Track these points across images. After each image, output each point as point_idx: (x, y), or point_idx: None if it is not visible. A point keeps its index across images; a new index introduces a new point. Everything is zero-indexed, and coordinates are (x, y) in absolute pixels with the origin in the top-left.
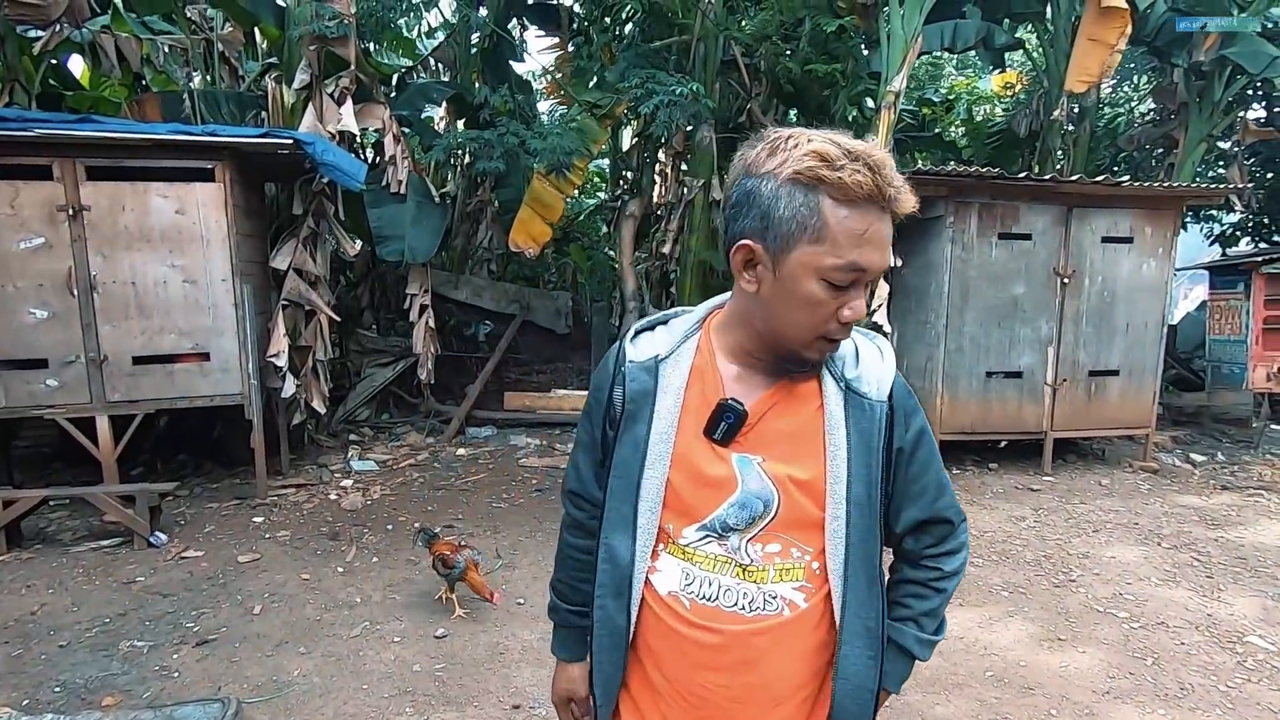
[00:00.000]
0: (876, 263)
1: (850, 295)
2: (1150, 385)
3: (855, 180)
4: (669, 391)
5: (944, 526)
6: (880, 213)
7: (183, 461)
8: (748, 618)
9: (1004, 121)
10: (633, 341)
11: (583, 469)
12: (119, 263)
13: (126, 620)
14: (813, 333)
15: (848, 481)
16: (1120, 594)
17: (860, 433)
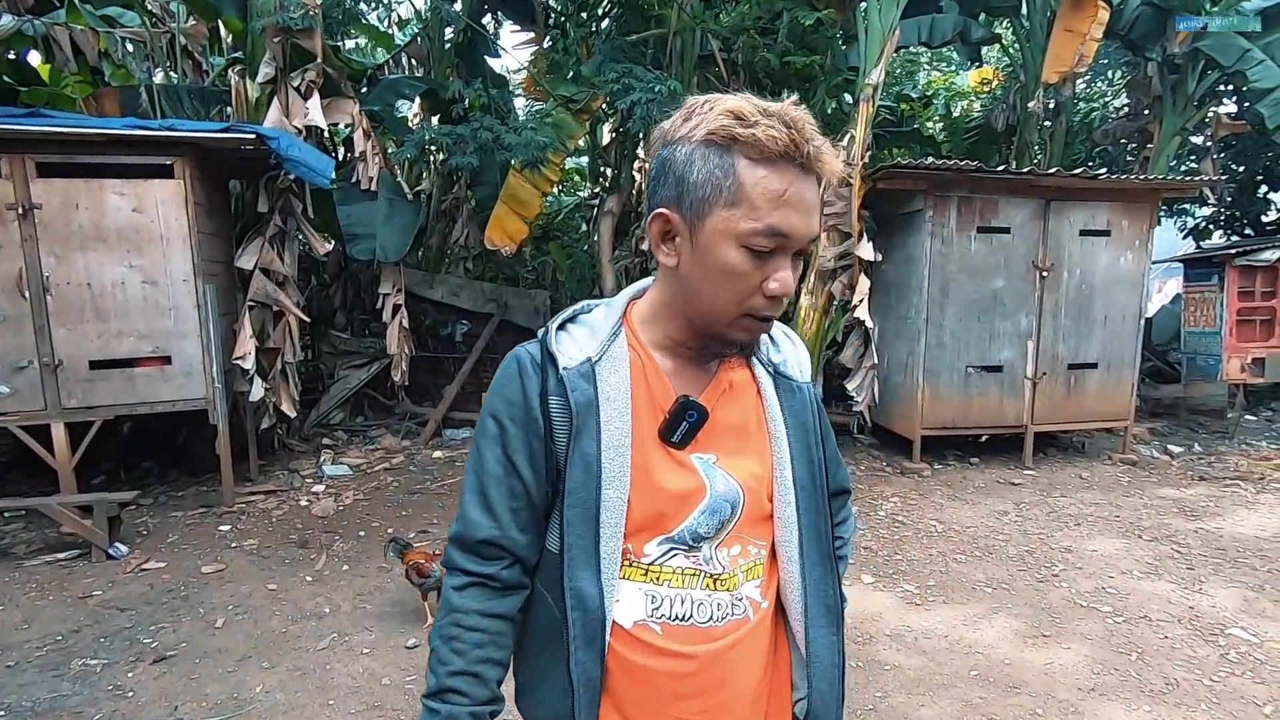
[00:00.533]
0: (799, 227)
1: (774, 265)
2: (1129, 378)
3: (769, 136)
4: (613, 398)
5: (844, 496)
6: (801, 173)
7: (147, 469)
8: (721, 629)
9: (981, 116)
10: (559, 345)
11: (497, 509)
12: (73, 263)
13: (80, 637)
14: (737, 309)
15: (792, 466)
16: (1103, 588)
17: (794, 415)
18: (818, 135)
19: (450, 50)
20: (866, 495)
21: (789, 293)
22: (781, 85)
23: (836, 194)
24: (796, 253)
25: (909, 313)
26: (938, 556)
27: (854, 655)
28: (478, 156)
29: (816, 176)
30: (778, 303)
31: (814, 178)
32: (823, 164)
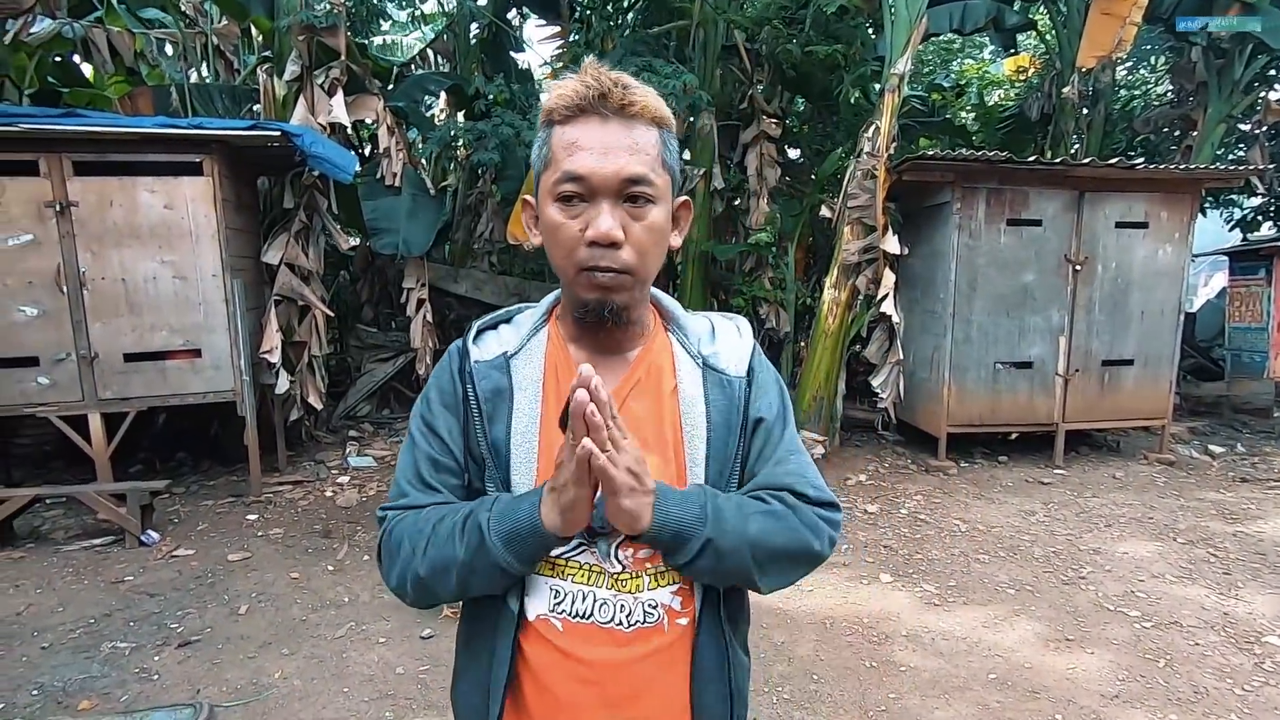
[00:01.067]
0: (595, 167)
1: (585, 212)
2: (1166, 375)
3: (562, 95)
4: (525, 387)
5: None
6: (601, 120)
7: (181, 459)
8: (626, 634)
9: (1016, 106)
10: (475, 341)
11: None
12: (108, 259)
13: (111, 621)
14: (572, 265)
15: (706, 463)
16: (1132, 592)
17: (719, 409)
18: (621, 84)
19: (476, 46)
20: (889, 493)
21: (606, 237)
22: (807, 77)
23: (862, 186)
24: (631, 196)
25: (935, 307)
26: (960, 556)
27: (869, 655)
28: (499, 152)
29: (629, 120)
30: (605, 252)
31: (621, 121)
32: (627, 105)
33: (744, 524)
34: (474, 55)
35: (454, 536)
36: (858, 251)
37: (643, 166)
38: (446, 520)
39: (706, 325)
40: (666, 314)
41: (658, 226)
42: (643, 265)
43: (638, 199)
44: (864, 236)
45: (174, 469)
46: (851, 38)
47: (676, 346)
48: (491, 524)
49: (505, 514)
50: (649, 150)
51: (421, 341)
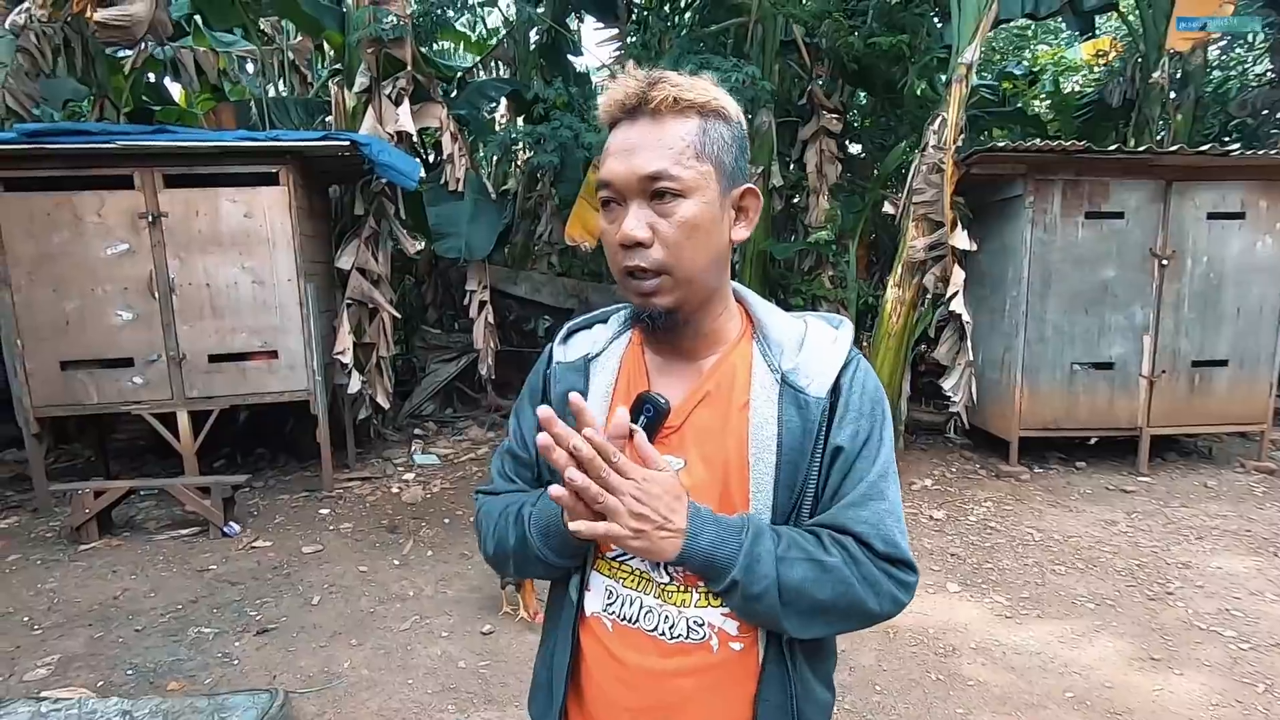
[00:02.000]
0: (618, 171)
1: (619, 219)
2: (1266, 376)
3: (606, 102)
4: (596, 392)
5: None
6: (631, 120)
7: (260, 455)
8: (670, 645)
9: (1095, 93)
10: (564, 342)
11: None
12: (194, 266)
13: (197, 607)
14: (616, 269)
15: (774, 489)
16: (1227, 610)
17: (792, 432)
18: (651, 80)
19: (535, 52)
20: (956, 499)
21: (626, 238)
22: (869, 70)
23: (927, 181)
24: (656, 193)
25: (1005, 305)
26: (1033, 567)
27: (935, 668)
28: (558, 155)
29: (661, 117)
30: (633, 253)
31: (651, 120)
32: (647, 101)
33: (785, 570)
34: (533, 60)
35: (509, 524)
36: (924, 248)
37: (663, 161)
38: (510, 508)
39: (797, 332)
40: (754, 318)
41: (690, 221)
42: (679, 263)
43: (663, 195)
44: (930, 233)
45: (253, 464)
46: (916, 27)
47: (757, 357)
48: (532, 516)
49: (543, 507)
50: (676, 144)
51: (484, 342)
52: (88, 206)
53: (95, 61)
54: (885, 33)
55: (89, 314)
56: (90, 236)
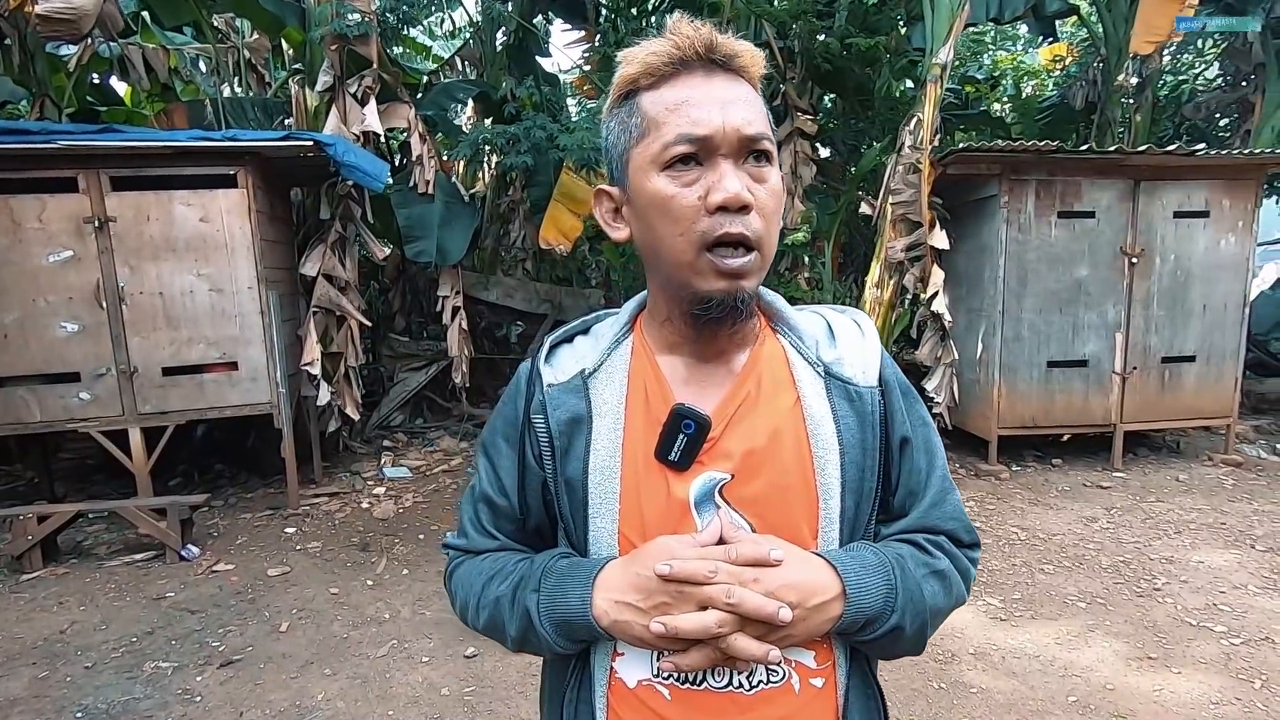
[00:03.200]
0: (715, 120)
1: (704, 174)
2: (1231, 371)
3: (653, 54)
4: (605, 413)
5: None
6: (704, 73)
7: (219, 471)
8: (749, 697)
9: (1056, 95)
10: (548, 360)
11: (487, 527)
12: (146, 273)
13: (154, 639)
14: (690, 244)
15: (841, 494)
16: (1214, 604)
17: (850, 429)
18: (719, 34)
19: (502, 52)
20: None
21: (738, 199)
22: (841, 71)
23: (905, 181)
24: (754, 154)
25: (982, 305)
26: (1022, 567)
27: (936, 676)
28: (531, 156)
29: (733, 74)
30: (735, 218)
31: (726, 75)
32: (733, 50)
33: (923, 593)
34: (500, 61)
35: (503, 608)
36: (902, 249)
37: (761, 123)
38: (496, 584)
39: (821, 323)
40: (772, 311)
41: (778, 191)
42: (769, 237)
43: (761, 157)
44: (908, 233)
45: (212, 481)
46: (890, 29)
47: (790, 351)
48: (541, 608)
49: (555, 599)
50: (759, 106)
51: (458, 349)
52: (28, 211)
53: (34, 59)
54: (861, 35)
55: (30, 326)
56: (31, 243)
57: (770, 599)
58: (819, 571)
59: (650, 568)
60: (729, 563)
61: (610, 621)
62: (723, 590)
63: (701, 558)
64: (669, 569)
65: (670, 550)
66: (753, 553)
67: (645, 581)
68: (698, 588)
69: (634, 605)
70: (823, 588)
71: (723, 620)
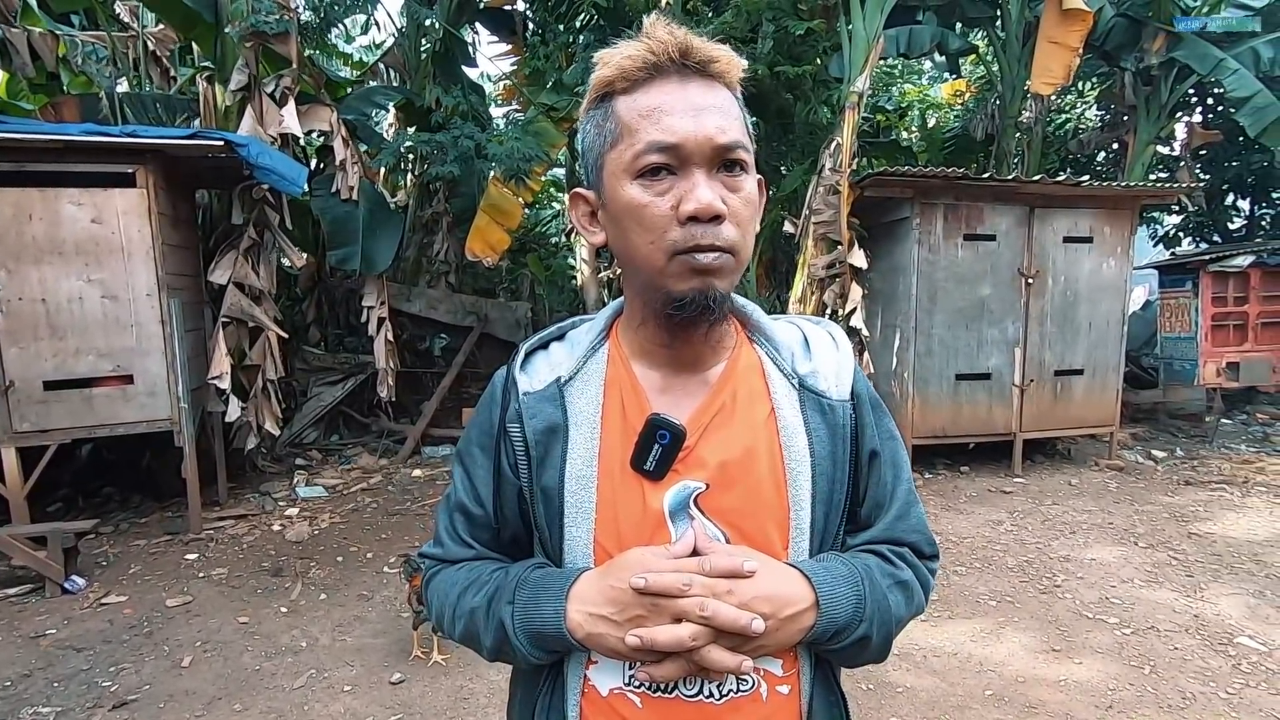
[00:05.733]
0: (689, 129)
1: (676, 184)
2: (1113, 383)
3: (628, 58)
4: (582, 421)
5: (911, 555)
6: (679, 79)
7: (107, 495)
8: (718, 706)
9: (959, 127)
10: (524, 367)
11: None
12: (26, 278)
13: (32, 682)
14: (661, 250)
15: (811, 505)
16: (1107, 598)
17: (821, 441)
18: (696, 39)
19: (427, 59)
20: None
21: (709, 209)
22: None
23: (825, 202)
24: (726, 164)
25: (897, 321)
26: (938, 569)
27: (863, 678)
28: (459, 165)
29: (709, 79)
30: (707, 229)
31: (702, 80)
32: (709, 56)
33: (889, 603)
34: (426, 69)
35: (478, 619)
36: (823, 266)
37: (737, 130)
38: (471, 595)
39: (797, 334)
40: (749, 321)
41: (753, 200)
42: (744, 244)
43: (734, 166)
44: (829, 252)
45: (100, 506)
46: (814, 58)
47: (766, 362)
48: (516, 621)
49: (529, 611)
50: (736, 112)
51: (385, 362)
52: None
53: None
54: (787, 62)
55: None
56: None
57: (744, 611)
58: (792, 582)
59: (625, 580)
60: (703, 575)
61: (585, 634)
62: (697, 603)
63: (676, 570)
64: (644, 582)
65: (645, 563)
66: (727, 564)
67: (620, 594)
68: (672, 600)
69: (609, 618)
70: (796, 599)
71: (697, 633)
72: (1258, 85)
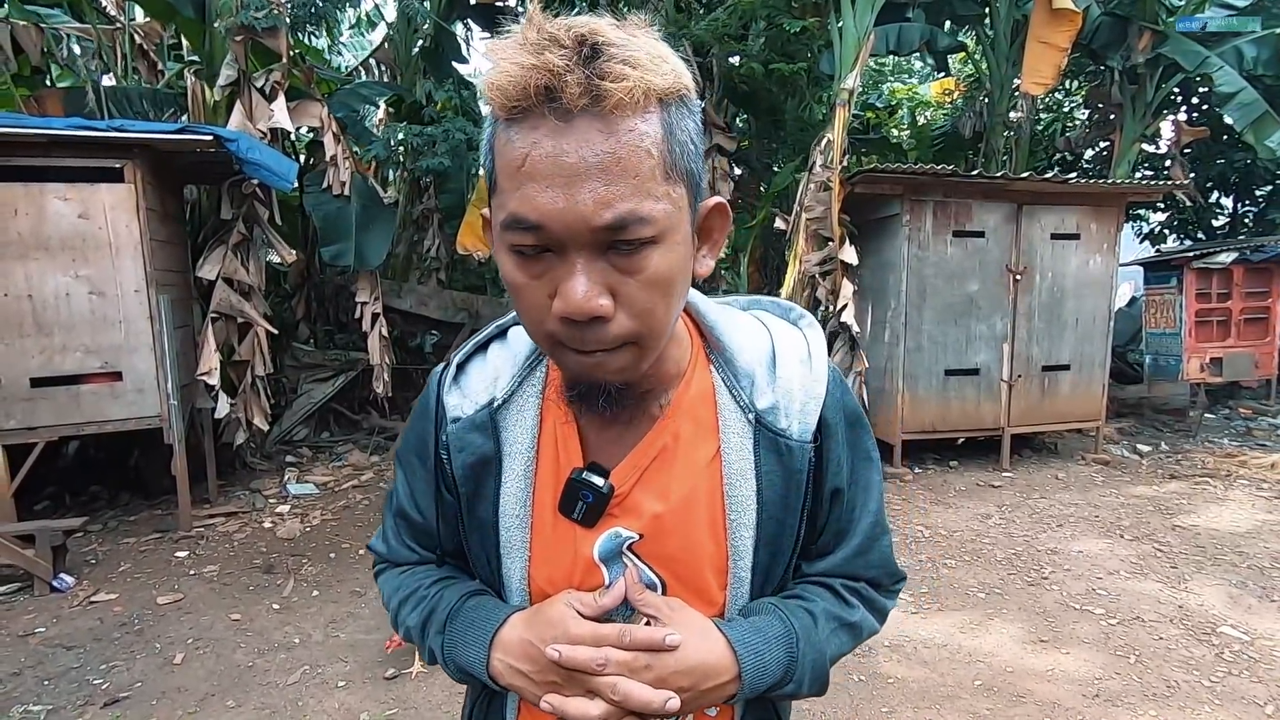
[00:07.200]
0: (548, 209)
1: (552, 268)
2: (1099, 378)
3: (504, 74)
4: (515, 454)
5: (870, 589)
6: (558, 122)
7: (95, 493)
8: None
9: (947, 124)
10: (456, 381)
11: (407, 541)
12: (11, 274)
13: (21, 680)
14: (542, 337)
15: (755, 550)
16: (1093, 589)
17: (773, 485)
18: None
19: (418, 55)
20: None
21: (581, 311)
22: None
23: (816, 198)
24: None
25: (886, 317)
26: (927, 562)
27: (855, 669)
28: (450, 158)
29: (607, 118)
30: (585, 331)
31: (594, 120)
32: (600, 97)
33: (826, 653)
34: (416, 64)
35: (414, 637)
36: (816, 263)
37: (629, 198)
38: (409, 610)
39: (765, 347)
40: (709, 335)
41: (663, 274)
42: (649, 328)
43: (629, 245)
44: (821, 248)
45: (87, 504)
46: (807, 56)
47: (721, 390)
48: (445, 653)
49: (456, 648)
50: (640, 162)
51: (378, 358)
52: None
53: None
54: (779, 60)
55: None
56: None
57: (660, 688)
58: (715, 653)
59: (545, 640)
60: (621, 648)
61: (506, 683)
62: (609, 684)
63: (596, 637)
64: (558, 655)
65: (565, 624)
66: (647, 638)
67: (537, 654)
68: (586, 676)
69: (526, 674)
70: (717, 671)
71: (607, 713)
72: (1242, 82)
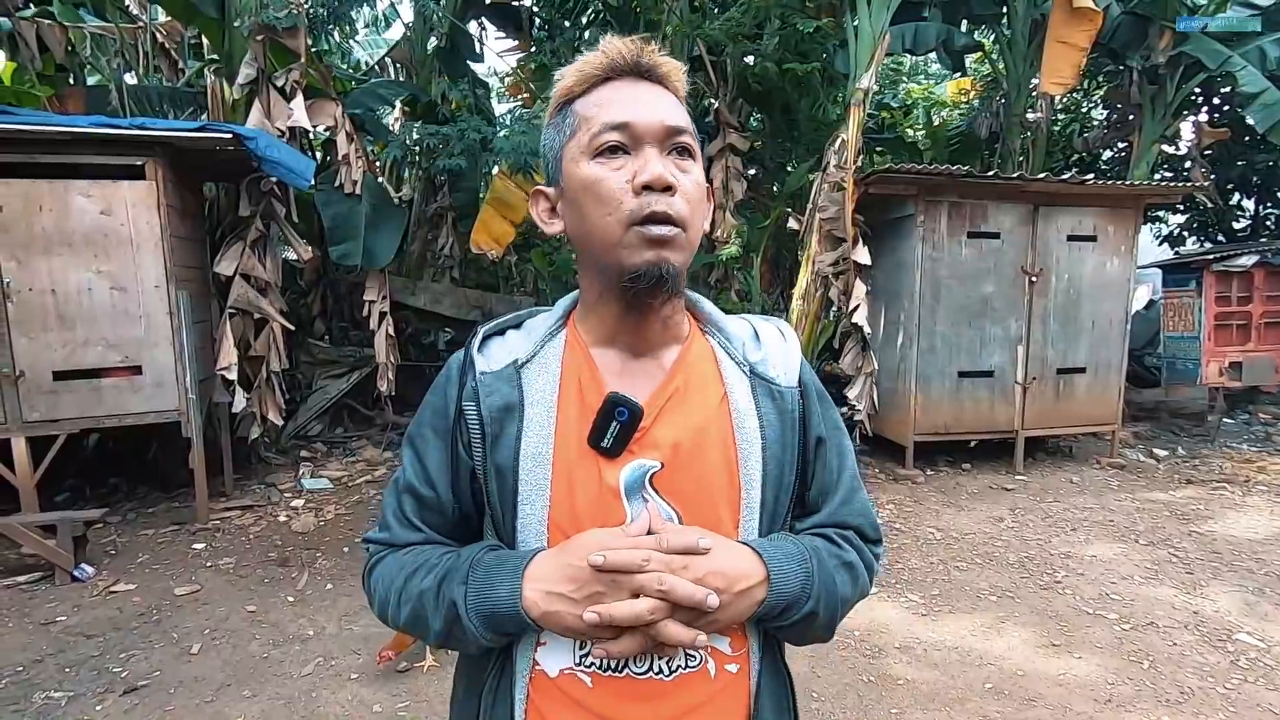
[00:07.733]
0: (642, 113)
1: (631, 161)
2: (1115, 382)
3: (586, 64)
4: (538, 401)
5: (858, 539)
6: (634, 80)
7: (114, 485)
8: (669, 683)
9: (963, 125)
10: (481, 349)
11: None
12: (36, 269)
13: (43, 667)
14: (618, 223)
15: (761, 486)
16: (1107, 594)
17: (772, 425)
18: (652, 51)
19: (433, 54)
20: None
21: (662, 179)
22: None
23: (830, 199)
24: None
25: (900, 318)
26: (939, 565)
27: (865, 670)
28: (465, 158)
29: (658, 84)
30: (660, 197)
31: (652, 84)
32: (656, 66)
33: (835, 581)
34: (431, 64)
35: (427, 601)
36: (829, 263)
37: (682, 119)
38: (420, 577)
39: (748, 328)
40: (703, 315)
41: (702, 187)
42: (693, 223)
43: (683, 151)
44: (834, 248)
45: (107, 496)
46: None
47: (719, 350)
48: (469, 601)
49: (483, 591)
50: (681, 109)
51: (385, 356)
52: None
53: None
54: (792, 58)
55: None
56: None
57: (699, 586)
58: (744, 559)
59: (583, 558)
60: (660, 551)
61: (541, 612)
62: (654, 578)
63: (634, 548)
64: (602, 559)
65: (602, 542)
66: (682, 542)
67: (577, 571)
68: (630, 576)
69: (566, 595)
70: (748, 574)
71: (654, 608)
72: (1266, 82)
